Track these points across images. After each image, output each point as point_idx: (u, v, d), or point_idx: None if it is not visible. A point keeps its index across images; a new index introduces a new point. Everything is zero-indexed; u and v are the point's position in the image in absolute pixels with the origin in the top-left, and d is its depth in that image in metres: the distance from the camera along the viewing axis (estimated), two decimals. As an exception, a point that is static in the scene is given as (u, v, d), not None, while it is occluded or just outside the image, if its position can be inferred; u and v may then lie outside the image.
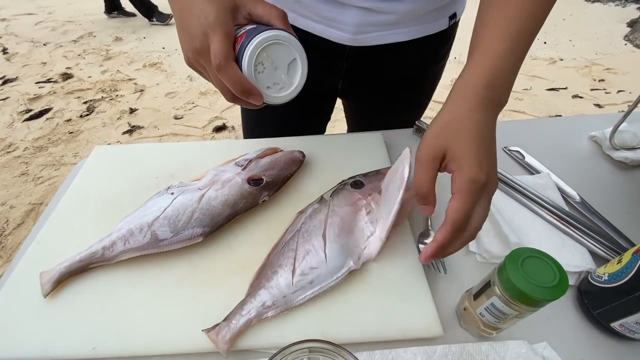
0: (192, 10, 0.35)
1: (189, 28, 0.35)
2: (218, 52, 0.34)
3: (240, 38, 0.35)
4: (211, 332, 0.35)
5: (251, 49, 0.34)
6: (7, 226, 1.50)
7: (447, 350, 0.35)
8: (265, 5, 0.38)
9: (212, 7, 0.35)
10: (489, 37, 0.37)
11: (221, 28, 0.34)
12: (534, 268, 0.29)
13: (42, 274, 0.39)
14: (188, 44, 0.36)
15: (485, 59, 0.36)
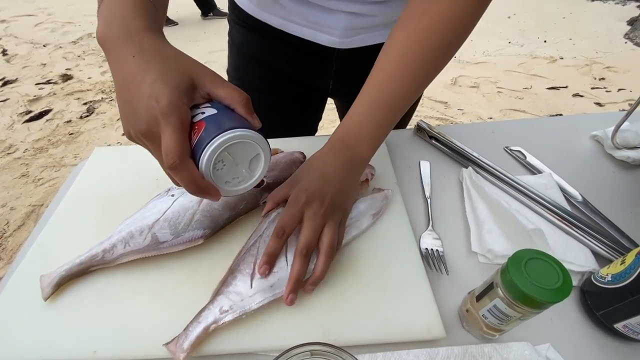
0: (139, 87, 0.31)
1: (133, 106, 0.31)
2: (171, 150, 0.29)
3: (199, 128, 0.31)
4: (170, 344, 0.34)
5: (211, 150, 0.30)
6: (8, 228, 1.50)
7: (450, 352, 0.35)
8: (227, 88, 0.34)
9: (165, 89, 0.30)
10: (355, 100, 0.44)
11: (175, 117, 0.30)
12: (537, 270, 0.29)
13: (42, 277, 0.39)
14: (131, 122, 0.32)
15: (345, 120, 0.44)
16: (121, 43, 0.32)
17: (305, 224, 0.38)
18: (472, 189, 0.50)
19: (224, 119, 0.32)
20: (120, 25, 0.33)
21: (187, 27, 3.09)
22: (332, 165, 0.42)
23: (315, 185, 0.40)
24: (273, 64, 0.62)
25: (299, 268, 0.37)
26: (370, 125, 0.43)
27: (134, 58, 0.32)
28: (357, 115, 0.43)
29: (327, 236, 0.39)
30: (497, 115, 2.08)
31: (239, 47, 0.64)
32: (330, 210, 0.40)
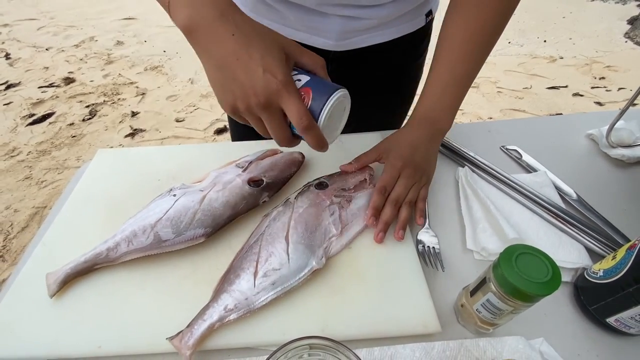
0: (248, 64, 0.33)
1: (244, 82, 0.34)
2: (303, 113, 0.34)
3: (307, 93, 0.36)
4: (174, 339, 0.35)
5: (327, 110, 0.35)
6: (12, 229, 1.52)
7: (445, 346, 0.36)
8: (309, 55, 0.38)
9: (277, 63, 0.33)
10: (430, 81, 0.51)
11: (293, 88, 0.34)
12: (527, 264, 0.30)
13: (48, 275, 0.40)
14: (242, 97, 0.34)
15: (424, 99, 0.52)
16: (217, 24, 0.33)
17: (400, 181, 0.47)
18: (467, 188, 0.51)
19: (320, 83, 0.37)
20: (211, 7, 0.33)
21: (188, 30, 3.11)
22: (419, 137, 0.50)
23: (408, 153, 0.49)
24: None
25: (389, 213, 0.45)
26: (448, 102, 0.50)
27: (234, 36, 0.33)
28: (436, 94, 0.51)
29: (423, 191, 0.49)
30: (497, 115, 2.08)
31: None
32: (419, 173, 0.49)
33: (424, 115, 0.51)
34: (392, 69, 0.66)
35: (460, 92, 0.50)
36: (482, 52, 0.49)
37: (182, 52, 2.76)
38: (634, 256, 0.34)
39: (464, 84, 0.50)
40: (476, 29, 0.48)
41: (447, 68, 0.50)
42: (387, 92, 0.70)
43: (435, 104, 0.51)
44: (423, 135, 0.51)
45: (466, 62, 0.49)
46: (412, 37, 0.61)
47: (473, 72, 0.50)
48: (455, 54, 0.49)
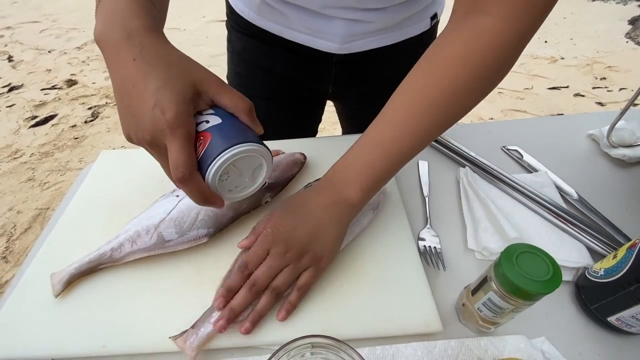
0: (142, 94, 0.30)
1: (135, 113, 0.30)
2: (180, 164, 0.30)
3: (205, 139, 0.31)
4: (179, 339, 0.35)
5: (217, 165, 0.31)
6: (15, 231, 1.52)
7: (447, 345, 0.36)
8: (231, 95, 0.33)
9: (170, 99, 0.29)
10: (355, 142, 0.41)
11: (182, 130, 0.30)
12: (528, 263, 0.30)
13: (53, 275, 0.40)
14: (133, 129, 0.31)
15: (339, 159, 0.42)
16: (121, 44, 0.31)
17: (266, 261, 0.38)
18: (468, 188, 0.51)
19: (229, 130, 0.32)
20: (120, 25, 0.31)
21: (189, 32, 3.11)
22: (313, 205, 0.40)
23: (287, 224, 0.39)
24: (273, 69, 0.64)
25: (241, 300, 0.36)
26: (360, 167, 0.39)
27: (135, 62, 0.30)
28: (349, 155, 0.41)
29: (304, 276, 0.38)
30: (498, 115, 2.08)
31: (239, 54, 0.66)
32: (295, 254, 0.37)
33: (328, 177, 0.42)
34: (396, 72, 0.65)
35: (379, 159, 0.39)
36: (430, 116, 0.37)
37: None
38: (635, 255, 0.34)
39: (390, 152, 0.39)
40: (425, 83, 0.37)
41: (372, 127, 0.40)
42: (389, 95, 0.70)
43: (342, 167, 0.41)
44: (319, 202, 0.40)
45: (398, 124, 0.38)
46: (417, 40, 0.60)
47: (408, 138, 0.38)
48: (387, 114, 0.40)
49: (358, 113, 0.75)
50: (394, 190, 0.50)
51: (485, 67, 0.35)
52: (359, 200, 0.39)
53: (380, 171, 0.39)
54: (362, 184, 0.39)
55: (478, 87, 0.37)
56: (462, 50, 0.35)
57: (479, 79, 0.36)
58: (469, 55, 0.35)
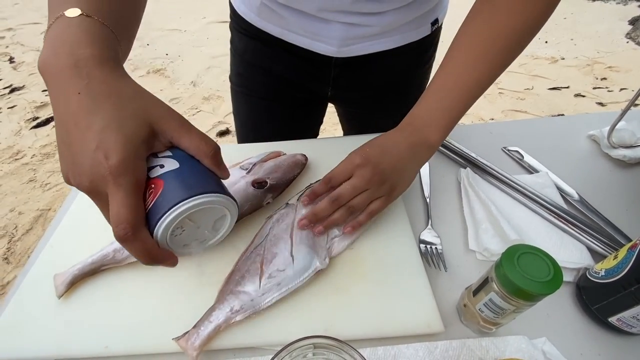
0: (83, 134, 0.26)
1: (74, 154, 0.26)
2: (122, 220, 0.25)
3: (156, 188, 0.27)
4: (181, 339, 0.35)
5: (167, 221, 0.26)
6: (16, 232, 1.53)
7: (448, 345, 0.36)
8: (193, 137, 0.29)
9: (116, 141, 0.25)
10: (430, 84, 0.45)
11: (127, 179, 0.26)
12: (529, 264, 0.30)
13: (56, 276, 0.41)
14: (71, 172, 0.27)
15: (418, 104, 0.46)
16: (65, 74, 0.27)
17: (350, 180, 0.41)
18: (469, 189, 0.51)
19: (187, 177, 0.28)
20: (67, 53, 0.27)
21: (190, 33, 3.12)
22: (396, 142, 0.44)
23: (373, 152, 0.42)
24: (274, 71, 0.64)
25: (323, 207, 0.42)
26: (439, 111, 0.44)
27: (79, 95, 0.26)
28: (426, 101, 0.45)
29: (376, 203, 0.43)
30: (498, 116, 2.09)
31: (241, 55, 0.66)
32: (377, 180, 0.41)
33: (409, 122, 0.45)
34: (396, 76, 0.65)
35: (454, 102, 0.43)
36: (490, 62, 0.42)
37: (184, 55, 2.77)
38: (635, 256, 0.34)
39: (462, 95, 0.43)
40: (486, 36, 0.41)
41: (442, 74, 0.44)
42: (391, 99, 0.70)
43: (422, 112, 0.45)
44: (402, 141, 0.44)
45: (466, 71, 0.42)
46: (417, 45, 0.60)
47: (475, 82, 0.43)
48: (455, 61, 0.43)
49: (358, 115, 0.76)
50: (395, 191, 0.51)
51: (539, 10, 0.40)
52: (439, 141, 0.44)
53: (456, 112, 0.43)
54: (442, 127, 0.44)
55: (533, 30, 0.41)
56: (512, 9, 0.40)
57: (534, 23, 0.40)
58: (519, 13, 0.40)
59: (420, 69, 0.68)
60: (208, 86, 2.39)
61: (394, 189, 0.43)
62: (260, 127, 0.72)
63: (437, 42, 0.66)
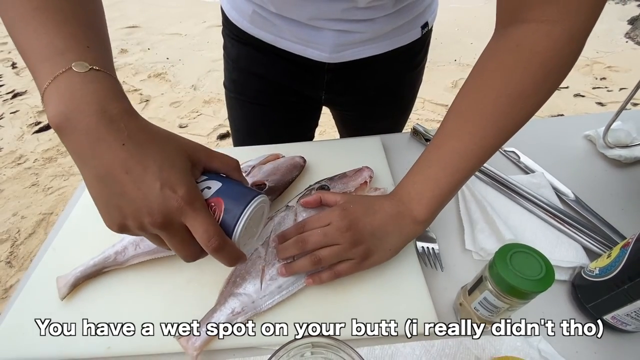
0: (142, 178, 0.28)
1: (134, 200, 0.28)
2: (213, 235, 0.30)
3: (217, 204, 0.32)
4: (182, 339, 0.36)
5: (242, 224, 0.32)
6: (19, 236, 1.54)
7: (445, 344, 0.37)
8: (220, 159, 0.35)
9: (177, 176, 0.29)
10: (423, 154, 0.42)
11: (200, 203, 0.30)
12: (521, 262, 0.31)
13: (59, 278, 0.41)
14: (132, 217, 0.29)
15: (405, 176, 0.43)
16: (102, 130, 0.28)
17: (325, 227, 0.40)
18: (465, 189, 0.52)
19: (234, 190, 0.33)
20: (96, 109, 0.28)
21: (190, 37, 3.14)
22: (382, 207, 0.41)
23: (356, 209, 0.41)
24: (268, 77, 0.64)
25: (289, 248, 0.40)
26: (422, 184, 0.40)
27: (124, 146, 0.28)
28: (411, 173, 0.42)
29: (344, 265, 0.40)
30: (498, 116, 2.09)
31: (234, 61, 0.66)
32: (352, 237, 0.39)
33: (397, 191, 0.43)
34: (388, 79, 0.66)
35: (446, 174, 0.39)
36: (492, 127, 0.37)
37: (185, 59, 2.79)
38: (628, 254, 0.34)
39: (455, 166, 0.39)
40: (486, 96, 0.37)
41: (434, 143, 0.40)
42: (384, 102, 0.71)
43: (411, 183, 0.41)
44: (388, 208, 0.41)
45: (463, 137, 0.38)
46: (408, 48, 0.61)
47: (472, 150, 0.38)
48: (452, 126, 0.40)
49: (353, 119, 0.77)
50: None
51: (534, 74, 0.35)
52: (424, 217, 0.40)
53: (442, 187, 0.39)
54: (426, 201, 0.40)
55: (531, 93, 0.36)
56: (505, 61, 0.36)
57: (529, 86, 0.36)
58: (514, 65, 0.35)
59: (412, 72, 0.69)
60: (208, 90, 2.41)
61: (369, 255, 0.40)
62: (256, 133, 0.72)
63: (428, 45, 0.67)
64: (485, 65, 0.38)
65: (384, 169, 0.55)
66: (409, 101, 0.76)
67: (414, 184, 0.41)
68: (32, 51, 0.29)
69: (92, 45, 0.31)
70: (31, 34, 0.29)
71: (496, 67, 0.37)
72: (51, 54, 0.29)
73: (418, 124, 0.64)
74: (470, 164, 0.38)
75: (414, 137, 0.63)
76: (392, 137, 0.64)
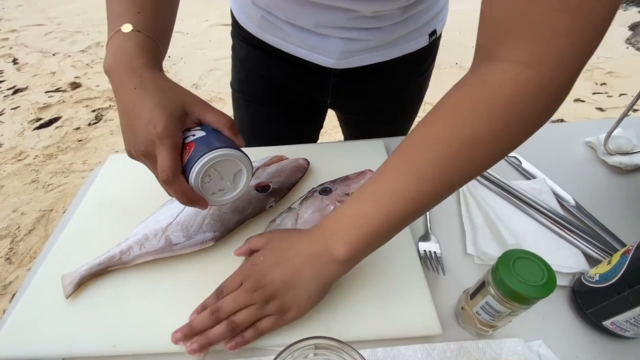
0: (140, 115, 0.35)
1: (134, 130, 0.36)
2: (165, 168, 0.34)
3: (189, 148, 0.36)
4: None
5: (198, 167, 0.35)
6: (19, 232, 1.54)
7: (446, 347, 0.37)
8: (214, 113, 0.39)
9: (161, 116, 0.35)
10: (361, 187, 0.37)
11: (169, 140, 0.35)
12: (524, 268, 0.31)
13: (64, 276, 0.42)
14: (132, 143, 0.37)
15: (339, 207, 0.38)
16: (125, 76, 0.37)
17: (235, 292, 0.37)
18: (468, 194, 0.52)
19: (211, 139, 0.37)
20: (126, 61, 0.37)
21: (192, 36, 3.14)
22: (299, 250, 0.38)
23: (266, 262, 0.38)
24: (274, 79, 0.65)
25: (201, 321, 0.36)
26: (351, 218, 0.36)
27: (136, 90, 0.36)
28: (341, 208, 0.37)
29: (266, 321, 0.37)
30: (498, 120, 2.09)
31: (242, 62, 0.67)
32: (263, 296, 0.36)
33: (321, 227, 0.38)
34: (394, 85, 0.67)
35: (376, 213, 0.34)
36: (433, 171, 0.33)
37: (187, 58, 2.79)
38: (628, 261, 0.35)
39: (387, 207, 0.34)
40: (435, 138, 0.32)
41: (374, 178, 0.36)
42: (390, 107, 0.71)
43: (339, 218, 0.37)
44: (304, 249, 0.37)
45: (398, 176, 0.34)
46: (415, 55, 0.61)
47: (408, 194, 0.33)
48: (392, 164, 0.35)
49: (357, 122, 0.77)
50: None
51: (494, 119, 0.30)
52: (345, 256, 0.35)
53: (372, 225, 0.34)
54: (349, 238, 0.35)
55: (486, 141, 0.31)
56: (465, 99, 0.31)
57: (486, 133, 0.30)
58: (472, 105, 0.31)
59: (419, 78, 0.69)
60: (210, 89, 2.41)
61: (287, 309, 0.37)
62: (261, 133, 0.73)
63: (436, 51, 0.68)
64: (448, 99, 0.33)
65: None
66: (415, 106, 0.76)
67: (342, 217, 0.37)
68: (109, 14, 0.40)
69: (142, 11, 0.40)
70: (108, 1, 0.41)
71: (457, 103, 0.32)
72: (114, 17, 0.39)
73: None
74: (407, 208, 0.34)
75: (417, 141, 0.64)
76: (394, 140, 0.64)
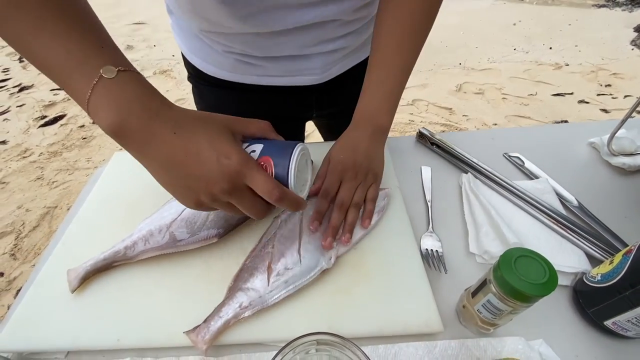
0: (199, 156, 0.32)
1: (200, 176, 0.32)
2: (272, 188, 0.33)
3: (266, 162, 0.36)
4: (191, 333, 0.37)
5: (293, 171, 0.36)
6: (23, 229, 1.55)
7: (447, 345, 0.38)
8: (255, 125, 0.39)
9: (226, 145, 0.33)
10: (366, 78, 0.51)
11: (252, 163, 0.34)
12: (525, 266, 0.31)
13: (69, 271, 0.42)
14: (203, 191, 0.33)
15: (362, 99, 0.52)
16: (154, 125, 0.31)
17: (343, 185, 0.47)
18: (470, 193, 0.52)
19: (275, 147, 0.37)
20: (142, 110, 0.31)
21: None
22: (358, 137, 0.50)
23: (346, 155, 0.49)
24: (256, 112, 0.64)
25: (336, 217, 0.45)
26: (381, 99, 0.50)
27: (176, 134, 0.32)
28: (368, 94, 0.51)
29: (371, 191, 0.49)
30: (501, 121, 2.09)
31: (213, 106, 0.65)
32: (362, 175, 0.48)
33: (361, 115, 0.51)
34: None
35: (393, 86, 0.50)
36: (414, 43, 0.49)
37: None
38: (630, 261, 0.35)
39: (398, 78, 0.50)
40: (405, 21, 0.47)
41: (378, 65, 0.50)
42: None
43: (370, 103, 0.51)
44: (362, 135, 0.50)
45: (397, 56, 0.49)
46: None
47: (405, 64, 0.49)
48: (386, 50, 0.49)
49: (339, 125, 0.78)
50: (397, 196, 0.52)
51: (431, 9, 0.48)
52: (390, 122, 0.51)
53: (397, 96, 0.50)
54: (389, 111, 0.51)
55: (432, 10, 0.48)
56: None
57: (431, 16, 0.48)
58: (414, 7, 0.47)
59: None
60: (214, 88, 2.41)
61: (376, 173, 0.50)
62: None
63: None
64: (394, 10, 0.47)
65: (389, 171, 0.56)
66: None
67: (374, 101, 0.50)
68: (52, 66, 0.30)
69: (104, 44, 0.32)
70: (43, 47, 0.29)
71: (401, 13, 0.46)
72: (75, 64, 0.29)
73: (423, 127, 0.64)
74: (409, 71, 0.50)
75: (420, 140, 0.64)
76: (398, 140, 0.64)
